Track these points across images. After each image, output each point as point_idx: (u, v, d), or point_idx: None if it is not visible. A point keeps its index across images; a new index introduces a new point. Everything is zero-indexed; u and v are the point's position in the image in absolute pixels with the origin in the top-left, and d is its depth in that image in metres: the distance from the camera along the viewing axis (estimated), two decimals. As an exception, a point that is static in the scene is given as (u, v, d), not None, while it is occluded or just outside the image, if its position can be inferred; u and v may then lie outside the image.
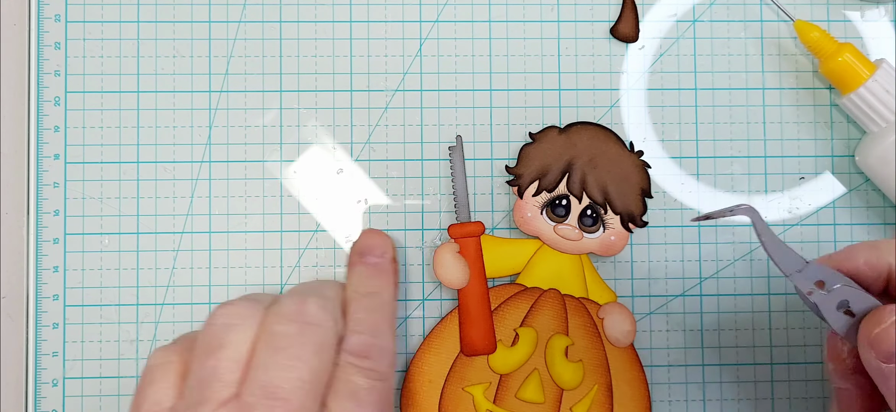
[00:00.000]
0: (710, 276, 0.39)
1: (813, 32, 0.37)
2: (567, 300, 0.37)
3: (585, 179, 0.37)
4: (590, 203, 0.37)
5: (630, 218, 0.37)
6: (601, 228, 0.37)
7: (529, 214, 0.37)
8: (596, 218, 0.37)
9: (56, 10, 0.39)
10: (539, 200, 0.37)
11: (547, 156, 0.38)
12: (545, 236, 0.38)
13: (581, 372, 0.37)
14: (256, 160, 0.39)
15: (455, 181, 0.38)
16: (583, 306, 0.37)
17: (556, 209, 0.37)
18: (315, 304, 0.32)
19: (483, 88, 0.39)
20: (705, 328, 0.39)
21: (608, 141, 0.38)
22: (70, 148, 0.39)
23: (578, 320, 0.37)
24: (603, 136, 0.38)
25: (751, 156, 0.39)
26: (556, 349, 0.37)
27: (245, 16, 0.39)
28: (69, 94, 0.39)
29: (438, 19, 0.39)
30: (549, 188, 0.37)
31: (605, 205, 0.37)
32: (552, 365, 0.37)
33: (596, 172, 0.37)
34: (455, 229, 0.38)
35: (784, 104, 0.39)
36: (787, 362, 0.39)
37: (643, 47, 0.39)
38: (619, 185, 0.37)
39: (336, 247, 0.39)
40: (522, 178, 0.38)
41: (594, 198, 0.37)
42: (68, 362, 0.38)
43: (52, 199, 0.38)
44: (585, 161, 0.37)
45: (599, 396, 0.37)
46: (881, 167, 0.37)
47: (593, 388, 0.37)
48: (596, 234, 0.37)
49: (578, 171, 0.37)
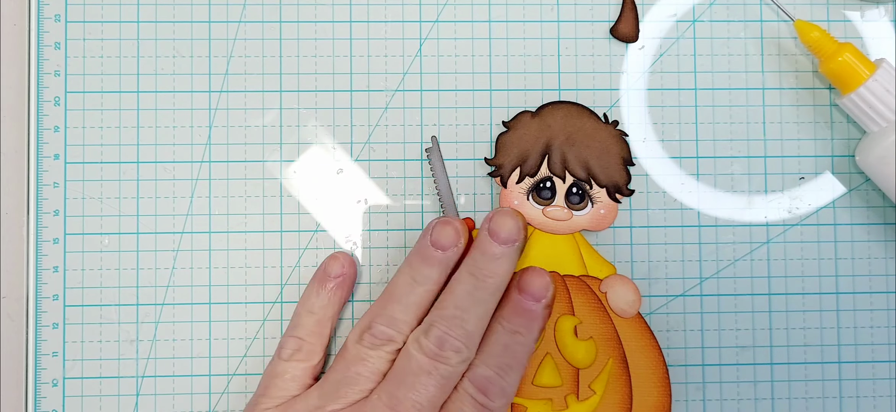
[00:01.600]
0: (710, 276, 0.39)
1: (813, 32, 0.37)
2: (568, 280, 0.37)
3: (566, 158, 0.37)
4: (574, 181, 0.37)
5: (616, 189, 0.37)
6: (589, 204, 0.37)
7: (516, 202, 0.37)
8: (582, 194, 0.37)
9: (56, 10, 0.39)
10: (523, 187, 0.37)
11: (524, 141, 0.38)
12: (535, 221, 0.37)
13: (593, 348, 0.37)
14: (256, 160, 0.39)
15: (437, 182, 0.38)
16: (584, 284, 0.37)
17: (542, 192, 0.37)
18: (454, 345, 0.33)
19: (483, 88, 0.39)
20: (706, 328, 0.39)
21: (582, 116, 0.38)
22: (70, 148, 0.39)
23: (582, 298, 0.37)
24: (576, 112, 0.38)
25: (751, 156, 0.39)
26: (565, 330, 0.37)
27: (245, 16, 0.39)
28: (69, 94, 0.39)
29: (438, 19, 0.39)
30: (531, 173, 0.37)
31: (589, 180, 0.37)
32: (564, 347, 0.37)
33: (575, 149, 0.37)
34: None
35: (784, 104, 0.39)
36: (787, 362, 0.39)
37: (643, 47, 0.39)
38: (600, 158, 0.37)
39: (336, 247, 0.39)
40: (503, 167, 0.38)
41: (577, 175, 0.37)
42: (68, 362, 0.38)
43: (51, 199, 0.38)
44: (563, 140, 0.37)
45: (616, 368, 0.37)
46: (881, 167, 0.37)
47: (608, 362, 0.37)
48: (585, 211, 0.37)
49: (558, 151, 0.37)
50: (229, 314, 0.38)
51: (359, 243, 0.39)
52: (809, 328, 0.39)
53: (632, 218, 0.39)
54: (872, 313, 0.39)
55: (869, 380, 0.39)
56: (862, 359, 0.39)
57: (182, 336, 0.38)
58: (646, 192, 0.39)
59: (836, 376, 0.39)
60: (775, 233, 0.39)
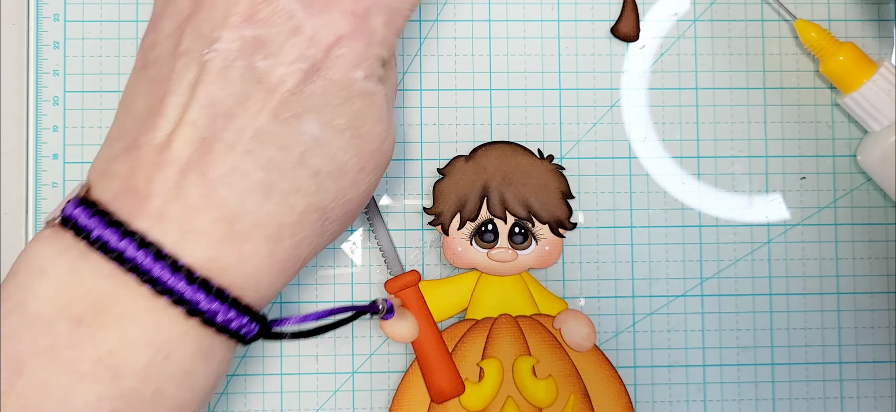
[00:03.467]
0: (711, 276, 0.39)
1: (814, 32, 0.37)
2: (520, 321, 0.37)
3: (505, 198, 0.37)
4: (515, 220, 0.37)
5: (558, 224, 0.37)
6: (533, 242, 0.37)
7: (459, 249, 0.37)
8: (525, 233, 0.37)
9: (55, 10, 0.39)
10: (465, 232, 0.37)
11: (460, 186, 0.37)
12: (481, 265, 0.37)
13: (553, 386, 0.37)
14: (256, 160, 0.39)
15: (378, 237, 0.38)
16: (537, 322, 0.37)
17: (485, 235, 0.37)
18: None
19: (483, 88, 0.39)
20: (706, 328, 0.39)
21: (517, 154, 0.37)
22: (69, 148, 0.38)
23: (537, 337, 0.37)
24: (510, 151, 0.37)
25: (752, 155, 0.39)
26: (523, 371, 0.37)
27: (244, 15, 0.39)
28: (68, 93, 0.39)
29: (438, 19, 0.39)
30: (471, 217, 0.37)
31: (531, 218, 0.37)
32: (524, 388, 0.36)
33: (513, 188, 0.37)
34: (391, 284, 0.37)
35: (785, 104, 0.39)
36: (788, 363, 0.39)
37: (644, 46, 0.39)
38: (538, 195, 0.37)
39: (335, 247, 0.39)
40: (442, 214, 0.37)
41: (518, 214, 0.37)
42: (67, 363, 0.38)
43: (50, 200, 0.38)
44: (499, 180, 0.37)
45: (578, 404, 0.37)
46: (883, 166, 0.37)
47: (570, 398, 0.37)
48: (530, 249, 0.37)
49: (496, 193, 0.37)
50: (229, 314, 0.38)
51: (359, 243, 0.39)
52: (811, 328, 0.39)
53: (632, 218, 0.39)
54: (873, 313, 0.39)
55: (870, 380, 0.39)
56: (863, 359, 0.39)
57: (181, 336, 0.38)
58: (646, 191, 0.39)
59: (837, 376, 0.39)
60: (776, 233, 0.39)
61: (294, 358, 0.38)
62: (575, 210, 0.38)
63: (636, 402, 0.38)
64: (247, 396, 0.38)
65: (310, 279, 0.38)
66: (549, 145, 0.39)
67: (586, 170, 0.39)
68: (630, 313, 0.39)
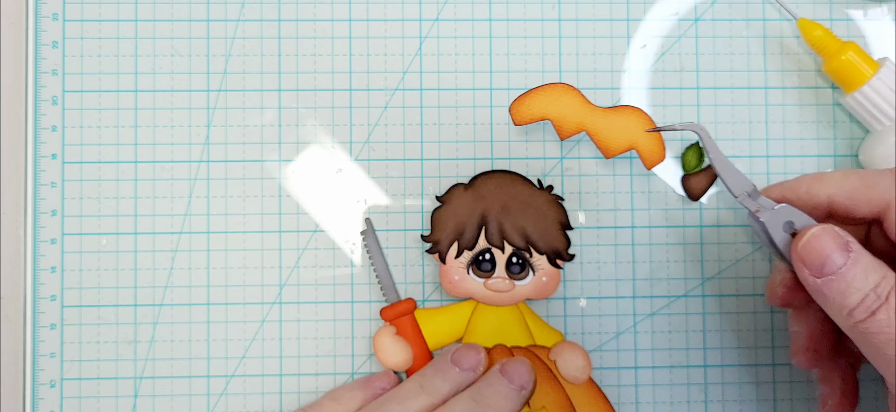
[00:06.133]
0: (712, 277, 0.39)
1: (816, 31, 0.37)
2: (515, 351, 0.36)
3: (503, 228, 0.36)
4: (513, 250, 0.36)
5: (556, 254, 0.36)
6: (530, 272, 0.37)
7: (457, 277, 0.37)
8: (523, 263, 0.36)
9: (54, 9, 0.39)
10: (463, 260, 0.37)
11: (459, 214, 0.37)
12: (477, 294, 0.37)
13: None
14: (255, 160, 0.39)
15: (375, 264, 0.38)
16: (532, 353, 0.37)
17: (482, 265, 0.37)
18: None
19: (483, 88, 0.39)
20: (708, 329, 0.39)
21: (516, 183, 0.37)
22: (68, 147, 0.38)
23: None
24: (509, 180, 0.37)
25: (753, 155, 0.39)
26: None
27: (243, 15, 0.39)
28: (67, 93, 0.38)
29: (438, 18, 0.39)
30: (469, 246, 0.36)
31: (529, 248, 0.36)
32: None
33: (511, 218, 0.36)
34: (387, 312, 0.37)
35: (787, 103, 0.39)
36: (788, 363, 0.39)
37: (645, 46, 0.39)
38: (537, 225, 0.37)
39: (335, 248, 0.38)
40: (440, 243, 0.37)
41: (516, 244, 0.36)
42: (66, 363, 0.38)
43: (49, 199, 0.38)
44: (498, 210, 0.36)
45: None
46: (884, 166, 0.37)
47: None
48: (527, 280, 0.37)
49: (494, 222, 0.36)
50: (228, 315, 0.38)
51: (358, 243, 0.38)
52: (812, 329, 0.39)
53: (633, 218, 0.39)
54: (875, 314, 0.39)
55: (871, 379, 0.39)
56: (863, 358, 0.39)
57: (180, 337, 0.38)
58: (647, 191, 0.39)
59: (838, 377, 0.39)
60: (778, 234, 0.39)
61: (294, 358, 0.38)
62: (576, 210, 0.38)
63: (638, 403, 0.38)
64: (247, 397, 0.38)
65: (310, 279, 0.38)
66: (550, 146, 0.39)
67: (587, 169, 0.39)
68: (631, 313, 0.39)
